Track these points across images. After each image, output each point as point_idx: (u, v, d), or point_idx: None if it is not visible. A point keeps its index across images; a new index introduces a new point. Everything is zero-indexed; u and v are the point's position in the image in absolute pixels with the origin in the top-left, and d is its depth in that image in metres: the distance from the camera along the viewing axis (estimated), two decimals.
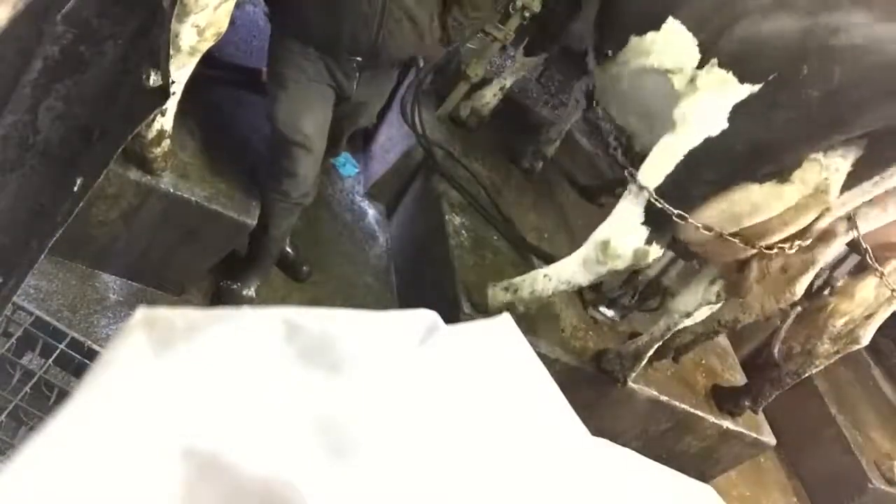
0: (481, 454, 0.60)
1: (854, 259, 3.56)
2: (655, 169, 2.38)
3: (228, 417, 0.52)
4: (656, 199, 2.34)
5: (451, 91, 3.68)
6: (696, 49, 2.36)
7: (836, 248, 2.87)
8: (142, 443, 0.50)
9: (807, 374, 3.35)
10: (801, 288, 2.97)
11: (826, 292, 3.66)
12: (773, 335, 3.93)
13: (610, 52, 2.69)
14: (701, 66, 2.35)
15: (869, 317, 3.03)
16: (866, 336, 3.09)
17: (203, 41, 1.94)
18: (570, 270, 2.65)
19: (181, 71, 2.02)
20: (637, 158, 2.59)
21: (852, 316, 3.05)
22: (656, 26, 2.50)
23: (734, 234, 2.38)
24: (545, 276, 2.72)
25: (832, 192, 2.24)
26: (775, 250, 2.46)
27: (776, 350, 4.02)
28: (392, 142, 3.70)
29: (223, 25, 1.98)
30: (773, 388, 3.39)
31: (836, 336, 3.10)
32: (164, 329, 0.56)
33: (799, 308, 3.89)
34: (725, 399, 3.44)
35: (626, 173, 2.46)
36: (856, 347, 3.13)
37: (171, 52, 1.77)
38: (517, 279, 2.83)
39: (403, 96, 3.50)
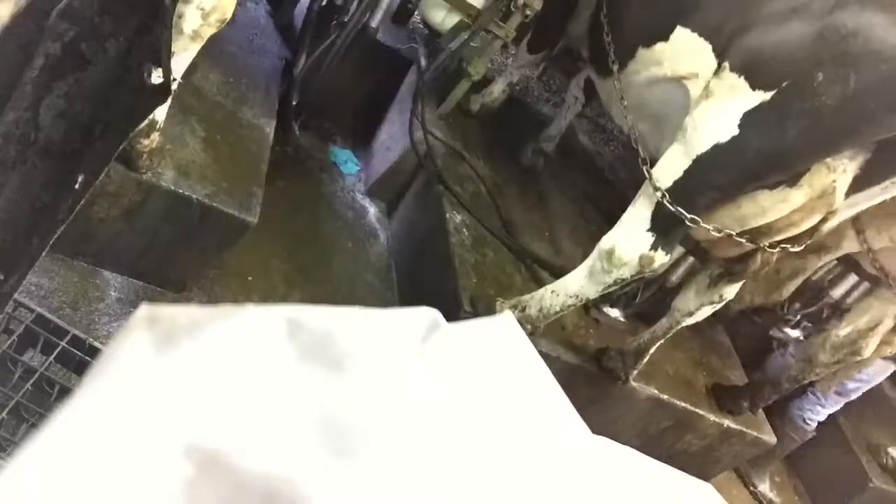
0: (482, 452, 0.60)
1: (850, 283, 3.60)
2: (665, 174, 2.36)
3: (230, 415, 0.52)
4: (669, 203, 2.31)
5: (452, 89, 3.68)
6: (712, 55, 2.32)
7: (827, 258, 2.90)
8: (143, 440, 0.50)
9: (806, 381, 3.37)
10: (788, 291, 2.99)
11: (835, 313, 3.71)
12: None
13: (616, 66, 2.67)
14: (716, 71, 2.31)
15: (871, 329, 3.04)
16: (868, 348, 3.11)
17: (207, 26, 1.92)
18: (577, 283, 2.62)
19: (182, 56, 1.98)
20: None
21: (856, 327, 3.06)
22: (664, 37, 2.47)
23: (741, 234, 2.37)
24: (552, 291, 2.70)
25: (839, 194, 2.23)
26: (778, 249, 2.45)
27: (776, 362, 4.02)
28: (393, 140, 3.70)
29: (228, 12, 1.95)
30: (772, 391, 3.42)
31: (838, 346, 3.12)
32: (166, 326, 0.56)
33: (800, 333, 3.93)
34: (725, 398, 3.45)
35: (644, 170, 2.44)
36: (857, 359, 3.16)
37: (173, 34, 1.76)
38: (525, 297, 2.81)
39: (405, 94, 3.50)
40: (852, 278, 3.52)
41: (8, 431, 1.74)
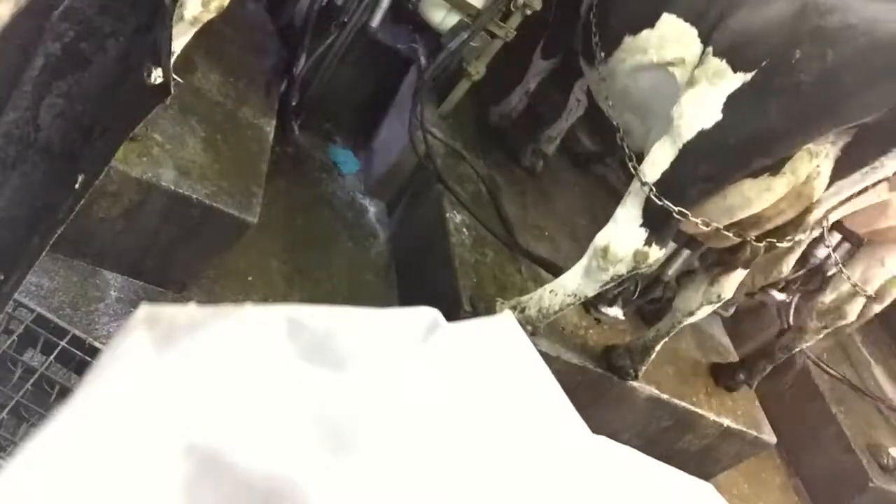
0: (482, 451, 0.60)
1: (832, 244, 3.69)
2: (653, 167, 2.36)
3: (230, 414, 0.52)
4: (657, 196, 2.32)
5: (452, 89, 3.68)
6: (697, 40, 2.33)
7: (816, 231, 2.97)
8: (143, 440, 0.50)
9: (797, 349, 3.53)
10: (787, 267, 3.03)
11: (818, 277, 3.84)
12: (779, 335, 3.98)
13: (603, 54, 2.68)
14: (700, 57, 2.32)
15: (855, 294, 3.12)
16: (853, 312, 3.22)
17: (206, 12, 1.95)
18: (575, 282, 2.63)
19: (179, 39, 2.02)
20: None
21: (840, 293, 3.14)
22: (650, 24, 2.48)
23: (730, 226, 2.38)
24: (551, 291, 2.70)
25: (822, 180, 2.23)
26: (764, 243, 2.47)
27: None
28: (393, 140, 3.70)
29: (226, 0, 1.99)
30: (767, 362, 3.56)
31: (824, 312, 3.24)
32: (166, 326, 0.56)
33: (797, 297, 4.04)
34: (722, 375, 3.56)
35: (630, 166, 2.45)
36: (842, 323, 3.28)
37: (174, 20, 1.78)
38: (524, 297, 2.82)
39: (405, 94, 3.50)
40: (833, 240, 3.62)
41: (8, 431, 1.74)
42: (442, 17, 3.35)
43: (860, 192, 2.36)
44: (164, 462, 0.50)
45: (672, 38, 2.41)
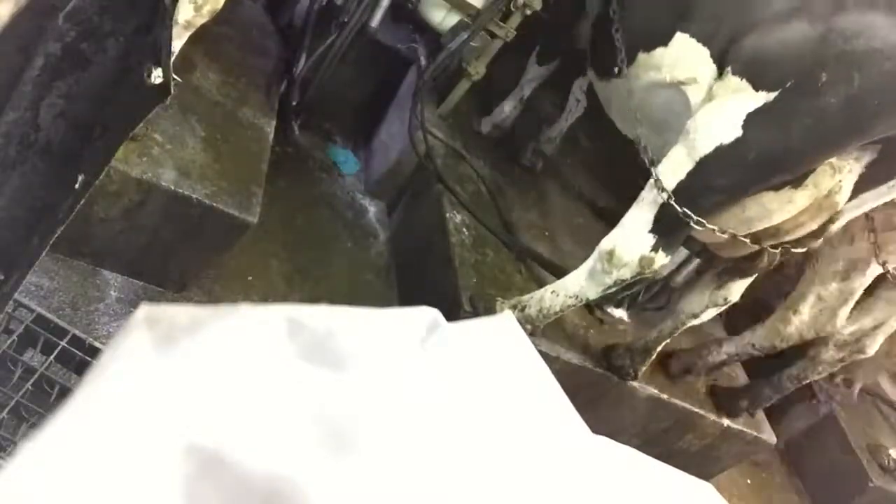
0: (482, 451, 0.60)
1: None
2: (668, 176, 2.35)
3: (231, 414, 0.52)
4: (677, 204, 2.30)
5: (452, 89, 3.67)
6: (710, 60, 2.32)
7: (872, 274, 2.87)
8: (144, 440, 0.50)
9: (808, 381, 3.32)
10: (841, 319, 2.97)
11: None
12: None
13: (616, 70, 2.66)
14: (718, 76, 2.31)
15: (877, 328, 3.03)
16: (873, 346, 3.10)
17: (199, 16, 1.96)
18: (577, 284, 2.62)
19: (173, 43, 2.02)
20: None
21: (861, 326, 3.05)
22: (664, 42, 2.47)
23: (746, 236, 2.38)
24: (552, 291, 2.70)
25: (844, 194, 2.23)
26: (779, 250, 2.46)
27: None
28: (393, 140, 3.70)
29: (219, 4, 1.99)
30: (772, 391, 3.38)
31: (843, 344, 3.11)
32: (166, 326, 0.56)
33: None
34: (724, 399, 3.44)
35: (652, 171, 2.44)
36: (861, 357, 3.14)
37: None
38: (525, 297, 2.81)
39: (405, 94, 3.50)
40: None
41: (8, 431, 1.74)
42: (442, 17, 3.35)
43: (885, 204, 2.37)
44: (165, 462, 0.50)
45: (684, 57, 2.40)
